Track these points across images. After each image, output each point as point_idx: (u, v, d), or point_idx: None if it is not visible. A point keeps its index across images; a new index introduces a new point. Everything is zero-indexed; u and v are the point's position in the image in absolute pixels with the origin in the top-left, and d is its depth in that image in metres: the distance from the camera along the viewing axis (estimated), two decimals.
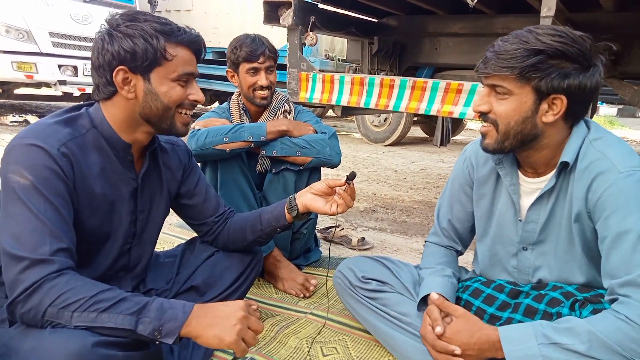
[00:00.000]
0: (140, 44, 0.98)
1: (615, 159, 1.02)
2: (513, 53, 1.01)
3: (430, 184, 4.11)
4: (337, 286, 1.48)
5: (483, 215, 1.29)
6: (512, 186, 1.19)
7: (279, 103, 1.91)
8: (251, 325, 0.94)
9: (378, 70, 3.54)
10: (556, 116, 1.04)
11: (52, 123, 0.99)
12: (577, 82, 1.00)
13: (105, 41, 0.99)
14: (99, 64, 1.00)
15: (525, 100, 1.04)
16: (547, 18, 1.90)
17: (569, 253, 1.13)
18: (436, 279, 1.27)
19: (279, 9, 2.67)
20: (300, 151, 1.76)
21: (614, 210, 0.99)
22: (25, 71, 5.43)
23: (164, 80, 1.03)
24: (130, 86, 1.01)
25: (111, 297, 0.88)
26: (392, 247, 2.44)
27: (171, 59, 1.02)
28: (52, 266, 0.87)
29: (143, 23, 1.00)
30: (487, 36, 3.11)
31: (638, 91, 2.49)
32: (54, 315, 0.85)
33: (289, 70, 2.69)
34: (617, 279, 0.97)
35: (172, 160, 1.24)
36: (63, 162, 0.95)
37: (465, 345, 1.03)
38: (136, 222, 1.15)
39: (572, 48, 0.99)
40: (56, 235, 0.90)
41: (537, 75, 1.00)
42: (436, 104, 2.22)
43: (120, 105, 1.04)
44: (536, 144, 1.09)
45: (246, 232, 1.34)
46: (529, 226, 1.18)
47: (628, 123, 12.31)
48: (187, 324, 0.89)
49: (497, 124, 1.08)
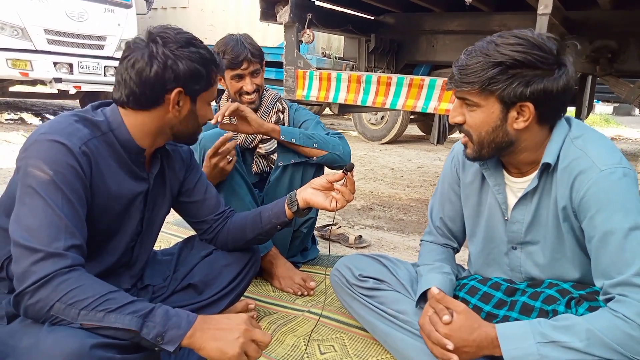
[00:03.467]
0: (203, 70, 1.05)
1: (596, 157, 1.02)
2: (473, 67, 1.03)
3: (427, 181, 4.12)
4: (335, 284, 1.48)
5: (471, 214, 1.30)
6: (496, 186, 1.20)
7: (271, 103, 1.89)
8: (257, 337, 0.95)
9: (375, 68, 3.54)
10: (527, 122, 1.05)
11: (73, 122, 1.00)
12: (541, 87, 1.01)
13: (169, 59, 1.01)
14: (156, 79, 1.01)
15: (492, 110, 1.05)
16: (543, 16, 1.90)
17: (559, 251, 1.13)
18: (435, 276, 1.27)
19: (276, 6, 2.67)
20: (317, 143, 1.77)
21: (598, 210, 1.00)
22: (20, 69, 5.39)
23: (204, 104, 1.11)
24: (179, 106, 1.06)
25: (120, 299, 0.88)
26: (389, 245, 2.44)
27: (213, 85, 1.11)
28: (65, 261, 0.87)
29: (200, 49, 1.05)
30: (484, 34, 3.08)
31: (634, 89, 2.50)
32: (60, 311, 0.85)
33: (285, 68, 2.69)
34: (610, 280, 0.98)
35: (175, 160, 1.26)
36: (83, 161, 0.96)
37: (464, 342, 1.03)
38: (143, 221, 1.17)
39: (531, 55, 1.00)
40: (71, 232, 0.91)
41: (498, 86, 1.01)
42: (433, 101, 2.22)
43: (157, 117, 1.07)
44: (514, 148, 1.10)
45: (246, 231, 1.34)
46: (514, 226, 1.18)
47: (624, 121, 12.36)
48: (189, 334, 0.90)
49: (470, 135, 1.10)
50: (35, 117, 6.42)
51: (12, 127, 5.59)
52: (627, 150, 6.99)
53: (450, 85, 1.09)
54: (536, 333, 0.97)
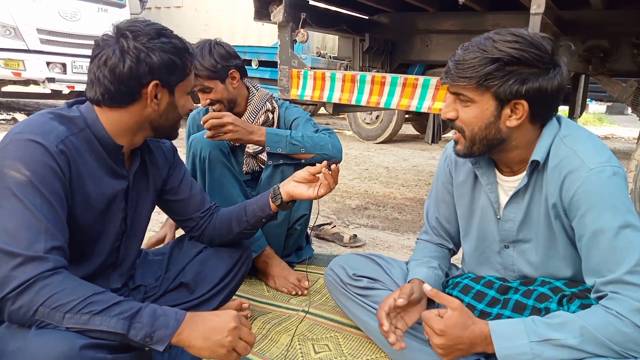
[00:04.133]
0: (177, 60, 1.03)
1: (585, 156, 1.03)
2: (470, 62, 1.03)
3: (421, 181, 4.13)
4: (329, 284, 1.48)
5: (464, 213, 1.31)
6: (488, 185, 1.20)
7: (259, 103, 1.87)
8: (243, 336, 0.94)
9: (369, 67, 3.54)
10: (520, 120, 1.05)
11: (48, 119, 0.98)
12: (536, 85, 1.01)
13: (142, 52, 0.98)
14: (130, 74, 0.99)
15: (486, 107, 1.05)
16: (536, 15, 1.91)
17: (551, 249, 1.14)
18: (421, 269, 1.28)
19: (270, 5, 2.66)
20: (304, 148, 1.75)
21: (588, 209, 1.00)
22: (12, 68, 5.34)
23: (182, 94, 1.10)
24: (157, 99, 1.04)
25: (105, 300, 0.86)
26: (384, 244, 2.45)
27: (190, 74, 1.09)
28: (46, 264, 0.85)
29: (172, 39, 1.04)
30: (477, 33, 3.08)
31: (626, 88, 2.52)
32: (45, 316, 0.83)
33: (280, 68, 2.69)
34: (602, 278, 0.98)
35: (158, 157, 1.24)
36: (61, 160, 0.94)
37: (458, 339, 1.02)
38: (126, 219, 1.15)
39: (528, 53, 1.00)
40: (51, 233, 0.88)
41: (494, 83, 1.02)
42: (427, 101, 2.23)
43: (135, 113, 1.04)
44: (505, 146, 1.11)
45: (232, 225, 1.34)
46: (506, 224, 1.19)
47: (617, 120, 12.44)
48: (178, 332, 0.89)
49: (463, 131, 1.10)
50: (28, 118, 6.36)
51: (5, 127, 5.55)
52: (620, 149, 7.04)
53: (445, 80, 1.09)
54: (530, 331, 0.97)
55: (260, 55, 6.46)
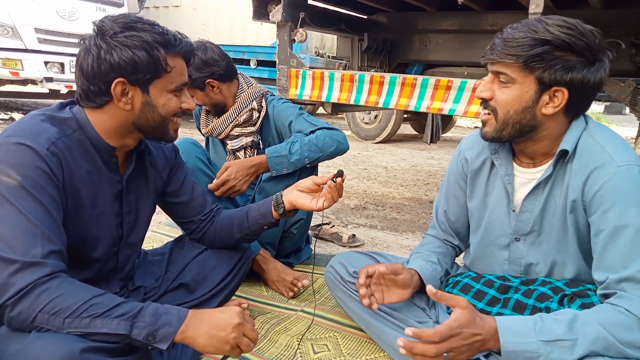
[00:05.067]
0: (142, 56, 0.95)
1: (614, 153, 1.03)
2: (520, 41, 1.01)
3: (420, 181, 4.13)
4: (329, 281, 1.48)
5: (477, 207, 1.30)
6: (507, 176, 1.20)
7: (245, 102, 1.85)
8: (246, 332, 0.94)
9: (368, 67, 3.54)
10: (556, 109, 1.04)
11: (39, 121, 0.95)
12: (581, 76, 1.01)
13: (102, 49, 0.94)
14: (94, 72, 0.95)
15: (527, 89, 1.04)
16: (534, 15, 1.91)
17: (561, 243, 1.14)
18: (420, 262, 1.28)
19: (269, 5, 2.66)
20: (307, 159, 1.75)
21: (612, 204, 1.00)
22: (10, 68, 5.33)
23: (162, 92, 1.01)
24: (127, 98, 0.98)
25: (105, 303, 0.86)
26: (383, 244, 2.44)
27: (170, 71, 1.00)
28: (44, 269, 0.84)
29: (142, 33, 0.95)
30: (476, 33, 3.12)
31: (624, 88, 2.52)
32: (44, 322, 0.82)
33: (278, 67, 2.68)
34: (615, 274, 0.98)
35: (158, 159, 1.22)
36: (52, 162, 0.91)
37: (474, 336, 0.96)
38: (122, 225, 1.13)
39: (580, 41, 0.99)
40: (47, 237, 0.87)
41: (541, 65, 1.01)
42: (426, 100, 2.23)
43: (113, 114, 1.00)
44: (534, 135, 1.10)
45: (233, 230, 1.33)
46: (523, 216, 1.18)
47: (615, 120, 12.47)
48: (181, 330, 0.88)
49: (496, 112, 1.08)
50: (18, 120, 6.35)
51: (2, 127, 5.53)
52: None
53: (490, 56, 1.06)
54: (539, 329, 0.95)
55: (258, 55, 6.45)
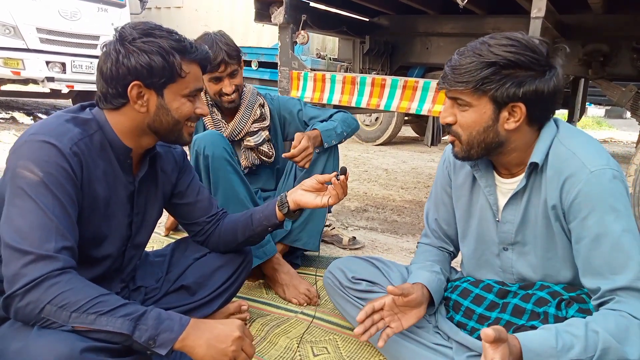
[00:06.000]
0: (158, 61, 0.99)
1: (585, 158, 1.03)
2: (467, 67, 1.03)
3: (420, 183, 4.13)
4: (328, 286, 1.48)
5: (462, 216, 1.31)
6: (487, 187, 1.20)
7: (252, 97, 1.90)
8: (245, 347, 0.95)
9: (369, 69, 3.54)
10: (517, 123, 1.06)
11: (63, 122, 0.99)
12: (533, 88, 1.02)
13: (120, 54, 0.99)
14: (112, 75, 1.00)
15: (484, 110, 1.06)
16: (537, 19, 1.91)
17: (550, 251, 1.14)
18: (423, 273, 1.27)
19: (270, 6, 2.66)
20: (345, 132, 1.91)
21: (590, 212, 1.01)
22: (12, 67, 5.33)
23: (176, 97, 1.05)
24: (143, 100, 1.03)
25: (111, 302, 0.87)
26: (383, 246, 2.44)
27: (184, 76, 1.04)
28: (56, 263, 0.86)
29: (159, 39, 1.00)
30: (477, 36, 3.09)
31: (625, 92, 2.52)
32: (51, 314, 0.84)
33: (280, 69, 2.68)
34: (606, 283, 0.98)
35: (168, 163, 1.24)
36: (74, 162, 0.95)
37: None
38: (131, 225, 1.15)
39: (524, 57, 1.01)
40: (62, 233, 0.89)
41: (491, 86, 1.02)
42: (427, 103, 2.23)
43: (129, 115, 1.05)
44: (503, 149, 1.11)
45: (237, 233, 1.34)
46: (505, 226, 1.19)
47: (616, 124, 12.47)
48: (182, 337, 0.89)
49: (459, 135, 1.11)
50: (27, 117, 6.35)
51: (4, 126, 5.53)
52: (619, 153, 7.05)
53: (443, 85, 1.09)
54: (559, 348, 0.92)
55: (260, 56, 6.45)
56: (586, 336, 0.93)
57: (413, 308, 1.19)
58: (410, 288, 1.18)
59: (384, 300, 1.17)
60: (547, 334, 0.95)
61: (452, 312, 1.28)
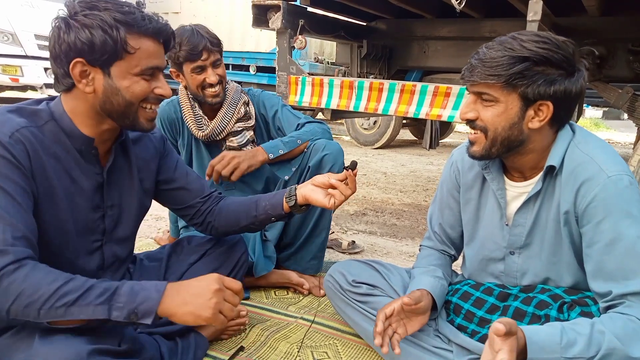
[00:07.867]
0: (99, 36, 0.91)
1: (603, 163, 1.03)
2: (499, 60, 1.01)
3: (419, 186, 4.13)
4: (328, 290, 1.48)
5: (470, 219, 1.30)
6: (499, 190, 1.20)
7: (236, 95, 1.82)
8: (227, 297, 0.93)
9: (367, 73, 3.55)
10: (542, 122, 1.05)
11: (4, 112, 0.94)
12: (563, 87, 1.01)
13: (62, 30, 0.92)
14: (56, 54, 0.94)
15: (511, 107, 1.04)
16: (533, 22, 1.92)
17: (556, 255, 1.14)
18: (427, 278, 1.27)
19: (268, 12, 2.67)
20: (299, 139, 1.76)
21: (605, 216, 1.00)
22: (10, 74, 5.35)
23: (125, 75, 0.96)
24: (88, 79, 0.95)
25: (76, 288, 0.83)
26: (382, 250, 2.44)
27: (134, 52, 0.95)
28: (7, 257, 0.81)
29: (102, 12, 0.92)
30: (474, 40, 3.13)
31: (622, 94, 2.53)
32: (19, 314, 0.81)
33: (278, 74, 2.69)
34: (619, 287, 0.98)
35: (146, 151, 1.19)
36: (17, 150, 0.89)
37: None
38: (104, 218, 1.10)
39: (557, 54, 1.00)
40: (10, 223, 0.84)
41: (523, 82, 1.01)
42: (425, 107, 2.23)
43: (80, 98, 0.98)
44: (522, 149, 1.10)
45: (240, 216, 1.31)
46: (516, 230, 1.18)
47: (613, 125, 12.50)
48: (161, 302, 0.87)
49: (485, 130, 1.08)
50: None
51: None
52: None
53: (470, 78, 1.05)
54: (564, 344, 0.92)
55: (258, 61, 6.47)
56: (591, 335, 0.93)
57: (419, 315, 1.20)
58: (420, 296, 1.18)
59: (393, 306, 1.16)
60: (553, 330, 0.95)
61: (452, 315, 1.27)
